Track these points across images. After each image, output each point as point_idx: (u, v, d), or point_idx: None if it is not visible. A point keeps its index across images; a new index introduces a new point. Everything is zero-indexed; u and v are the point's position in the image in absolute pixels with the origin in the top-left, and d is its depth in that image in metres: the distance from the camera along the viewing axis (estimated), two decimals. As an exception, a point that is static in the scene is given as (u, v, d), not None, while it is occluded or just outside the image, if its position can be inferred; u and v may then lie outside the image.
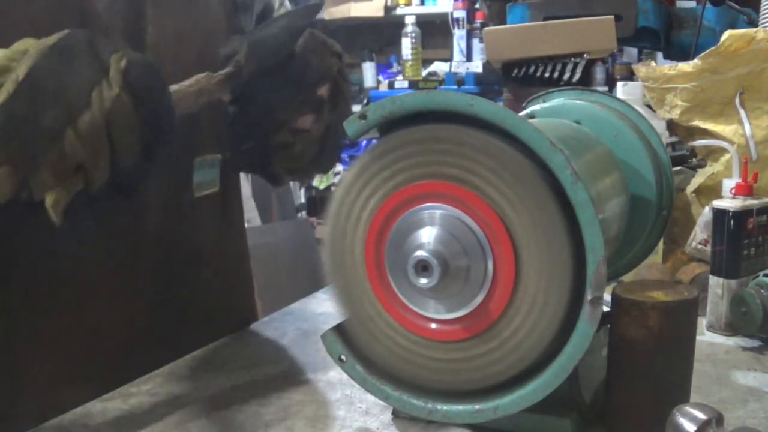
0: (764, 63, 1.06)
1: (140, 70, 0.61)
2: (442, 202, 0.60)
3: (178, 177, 0.83)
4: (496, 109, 0.57)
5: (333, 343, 0.66)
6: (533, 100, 0.92)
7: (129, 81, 0.60)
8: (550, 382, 0.59)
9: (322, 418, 0.71)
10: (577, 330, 0.58)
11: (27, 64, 0.58)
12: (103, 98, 0.59)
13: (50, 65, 0.58)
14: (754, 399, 0.73)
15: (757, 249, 0.92)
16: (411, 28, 3.20)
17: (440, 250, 0.58)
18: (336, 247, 0.64)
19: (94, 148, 0.59)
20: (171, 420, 0.72)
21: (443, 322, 0.61)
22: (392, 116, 0.61)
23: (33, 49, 0.59)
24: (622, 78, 2.62)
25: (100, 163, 0.60)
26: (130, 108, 0.60)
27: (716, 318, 0.92)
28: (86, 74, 0.59)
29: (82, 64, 0.59)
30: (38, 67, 0.58)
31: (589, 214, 0.55)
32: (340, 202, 0.64)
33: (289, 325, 1.00)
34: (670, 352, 0.62)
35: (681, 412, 0.52)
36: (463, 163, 0.59)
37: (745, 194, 0.93)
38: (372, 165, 0.62)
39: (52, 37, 0.60)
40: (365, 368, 0.66)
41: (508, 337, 0.60)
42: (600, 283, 0.56)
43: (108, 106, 0.59)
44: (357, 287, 0.64)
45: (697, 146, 1.14)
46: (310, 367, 0.84)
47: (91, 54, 0.60)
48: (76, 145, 0.58)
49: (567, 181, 0.56)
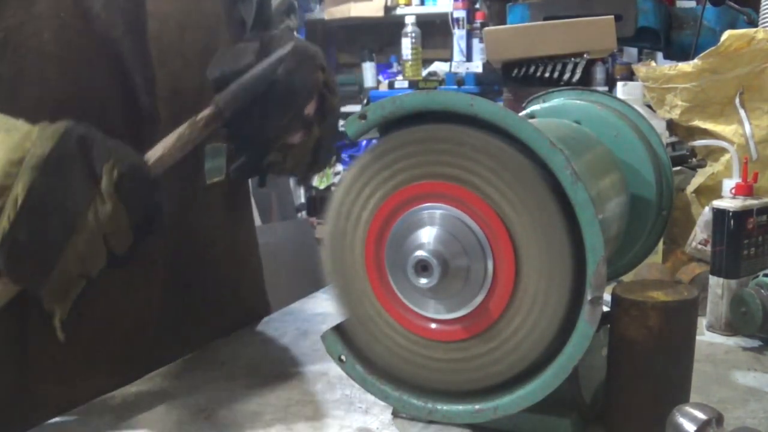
0: (764, 63, 1.06)
1: (130, 179, 0.65)
2: (442, 202, 0.60)
3: (190, 164, 0.83)
4: (496, 109, 0.57)
5: (333, 344, 0.66)
6: (533, 100, 0.92)
7: (122, 193, 0.64)
8: (550, 382, 0.59)
9: (321, 418, 0.71)
10: (577, 330, 0.58)
11: (24, 182, 0.61)
12: (98, 214, 0.64)
13: (47, 183, 0.62)
14: (754, 399, 0.73)
15: (756, 249, 0.92)
16: (411, 28, 3.20)
17: (440, 250, 0.58)
18: (336, 247, 0.64)
19: (93, 256, 0.64)
20: (170, 420, 0.72)
21: (443, 322, 0.61)
22: (392, 116, 0.61)
23: (27, 162, 0.61)
24: (622, 78, 2.62)
25: (99, 265, 0.65)
26: (123, 216, 0.64)
27: (716, 318, 0.92)
28: (81, 191, 0.63)
29: (76, 179, 0.63)
30: (36, 186, 0.61)
31: (589, 214, 0.55)
32: (340, 202, 0.64)
33: (289, 325, 1.00)
34: (670, 352, 0.62)
35: (681, 412, 0.52)
36: (463, 163, 0.59)
37: (745, 194, 0.93)
38: (372, 165, 0.62)
39: (45, 141, 0.62)
40: (365, 368, 0.66)
41: (508, 337, 0.60)
42: (600, 283, 0.56)
43: (103, 220, 0.63)
44: (357, 287, 0.64)
45: (697, 146, 1.14)
46: (309, 367, 0.84)
47: (84, 166, 0.64)
48: (77, 258, 0.63)
49: (567, 181, 0.56)
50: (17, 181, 0.61)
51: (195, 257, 0.88)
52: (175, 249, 0.84)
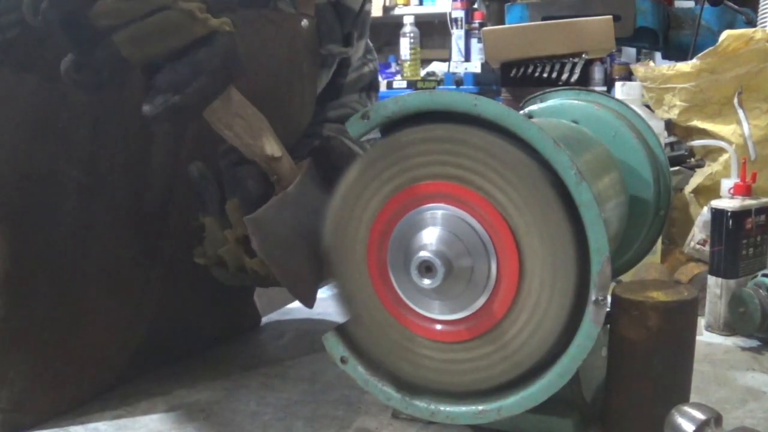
0: (762, 63, 1.07)
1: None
2: (444, 202, 0.59)
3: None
4: (500, 109, 0.57)
5: (334, 345, 0.66)
6: (530, 100, 0.92)
7: None
8: (555, 383, 0.59)
9: (320, 418, 0.71)
10: (582, 330, 0.57)
11: None
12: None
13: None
14: (753, 399, 0.73)
15: (755, 249, 0.92)
16: (409, 28, 3.20)
17: (444, 250, 0.58)
18: (338, 248, 0.64)
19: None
20: (169, 420, 0.72)
21: (447, 323, 0.61)
22: (395, 116, 0.61)
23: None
24: (621, 78, 2.61)
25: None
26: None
27: (714, 318, 0.92)
28: None
29: None
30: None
31: (593, 214, 0.55)
32: (341, 203, 0.63)
33: (288, 325, 1.00)
34: (670, 353, 0.62)
35: (679, 412, 0.52)
36: (466, 163, 0.59)
37: (744, 194, 0.93)
38: (374, 165, 0.62)
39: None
40: (367, 370, 0.65)
41: (512, 338, 0.59)
42: (604, 283, 0.56)
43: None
44: (359, 288, 0.64)
45: (695, 146, 1.14)
46: (308, 367, 0.84)
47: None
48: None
49: (571, 181, 0.55)
50: None
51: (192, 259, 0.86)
52: (173, 250, 0.83)
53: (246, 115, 0.65)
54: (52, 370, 0.72)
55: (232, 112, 0.64)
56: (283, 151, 0.68)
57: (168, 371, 0.83)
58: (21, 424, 0.70)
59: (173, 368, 0.84)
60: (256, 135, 0.66)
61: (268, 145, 0.66)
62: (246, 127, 0.65)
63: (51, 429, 0.70)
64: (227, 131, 0.64)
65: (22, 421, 0.70)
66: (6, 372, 0.70)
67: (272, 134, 0.67)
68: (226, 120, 0.64)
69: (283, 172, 0.68)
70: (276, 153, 0.67)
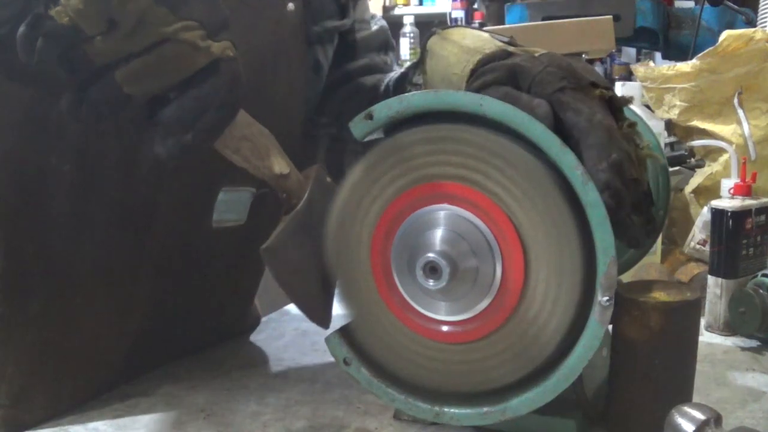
0: (762, 63, 1.07)
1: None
2: (449, 203, 0.59)
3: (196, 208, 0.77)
4: (506, 109, 0.57)
5: (337, 346, 0.65)
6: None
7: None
8: (561, 383, 0.58)
9: (320, 418, 0.71)
10: (588, 330, 0.57)
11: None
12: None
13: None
14: (753, 399, 0.73)
15: (755, 249, 0.92)
16: (409, 28, 3.21)
17: (449, 251, 0.58)
18: (341, 249, 0.64)
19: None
20: (169, 420, 0.71)
21: (452, 324, 0.61)
22: (399, 116, 0.60)
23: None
24: (621, 78, 2.62)
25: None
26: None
27: (714, 318, 0.92)
28: None
29: None
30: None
31: (600, 214, 0.55)
32: (344, 203, 0.63)
33: (287, 324, 1.00)
34: (672, 353, 0.62)
35: (679, 412, 0.52)
36: (471, 163, 0.58)
37: (744, 194, 0.93)
38: (378, 165, 0.61)
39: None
40: (371, 371, 0.65)
41: (518, 338, 0.59)
42: (611, 283, 0.56)
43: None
44: (362, 289, 0.63)
45: (695, 146, 1.14)
46: (308, 367, 0.84)
47: None
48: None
49: (577, 181, 0.55)
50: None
51: (192, 260, 0.86)
52: (165, 266, 0.81)
53: (251, 135, 0.64)
54: (50, 364, 0.72)
55: (239, 135, 0.63)
56: (290, 165, 0.67)
57: (168, 371, 0.83)
58: (21, 420, 0.70)
59: (173, 368, 0.84)
60: (264, 155, 0.65)
61: (277, 164, 0.65)
62: (253, 148, 0.64)
63: (50, 429, 0.70)
64: (235, 156, 0.63)
65: (22, 416, 0.70)
66: (5, 368, 0.70)
67: (278, 149, 0.66)
68: (233, 145, 0.63)
69: (292, 188, 0.67)
70: (284, 170, 0.66)
